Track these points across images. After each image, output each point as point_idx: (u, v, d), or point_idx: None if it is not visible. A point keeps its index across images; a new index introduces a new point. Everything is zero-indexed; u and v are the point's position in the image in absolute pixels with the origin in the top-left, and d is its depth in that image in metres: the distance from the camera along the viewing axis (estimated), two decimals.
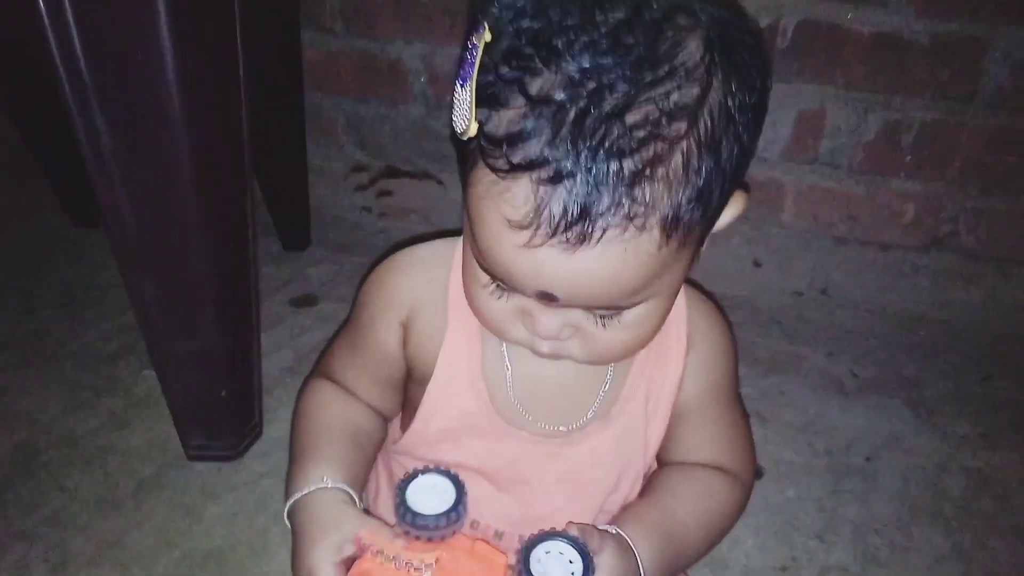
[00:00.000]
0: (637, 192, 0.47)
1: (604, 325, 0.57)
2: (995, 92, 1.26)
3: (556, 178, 0.46)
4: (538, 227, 0.48)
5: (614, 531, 0.63)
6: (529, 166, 0.47)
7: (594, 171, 0.46)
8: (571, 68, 0.46)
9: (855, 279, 1.46)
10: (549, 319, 0.56)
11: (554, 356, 0.60)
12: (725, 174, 0.50)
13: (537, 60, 0.47)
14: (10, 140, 1.60)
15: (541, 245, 0.48)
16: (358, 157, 1.69)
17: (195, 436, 1.05)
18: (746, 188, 0.59)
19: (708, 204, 0.50)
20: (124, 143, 0.85)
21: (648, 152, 0.46)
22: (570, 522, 0.61)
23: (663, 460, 0.74)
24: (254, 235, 1.00)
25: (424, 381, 0.69)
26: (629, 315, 0.56)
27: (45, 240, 1.63)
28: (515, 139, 0.47)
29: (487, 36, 0.49)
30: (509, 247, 0.50)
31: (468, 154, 0.52)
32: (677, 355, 0.70)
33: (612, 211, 0.47)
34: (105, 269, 1.50)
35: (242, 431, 1.06)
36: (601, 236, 0.48)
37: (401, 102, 1.59)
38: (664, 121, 0.46)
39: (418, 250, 0.73)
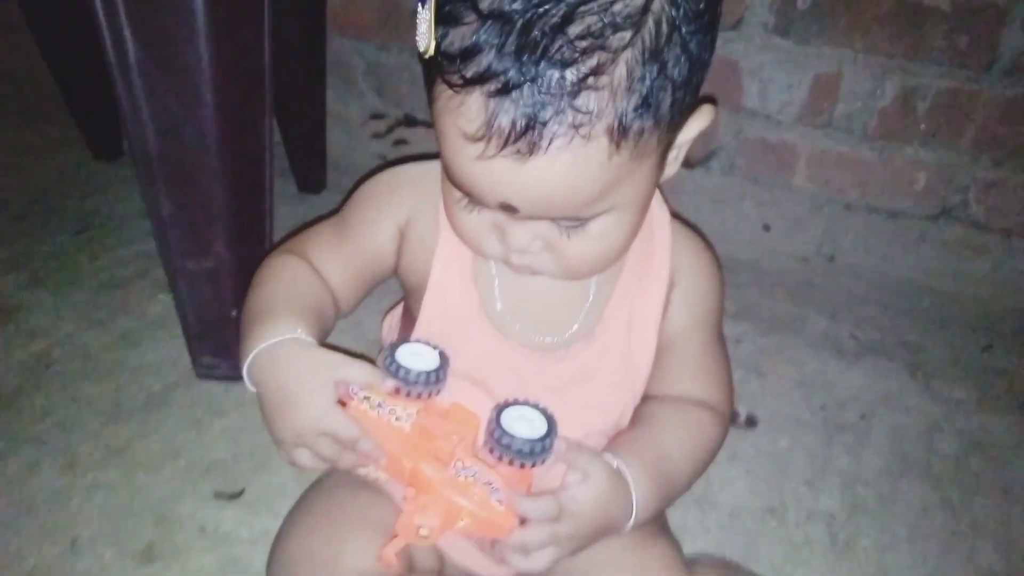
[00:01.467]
0: (580, 101, 0.49)
1: (570, 236, 0.59)
2: (1012, 62, 1.26)
3: (504, 90, 0.49)
4: (490, 139, 0.50)
5: (615, 464, 0.65)
6: (480, 79, 0.49)
7: (538, 81, 0.48)
8: None
9: (863, 246, 1.47)
10: (519, 231, 0.58)
11: (528, 269, 0.62)
12: (673, 83, 0.52)
13: None
14: (36, 74, 1.63)
15: (495, 156, 0.51)
16: (376, 104, 1.70)
17: (205, 354, 1.07)
18: (713, 102, 0.61)
19: (657, 113, 0.52)
20: (149, 56, 0.86)
21: (591, 62, 0.48)
22: (563, 437, 0.63)
23: (648, 393, 0.75)
24: (271, 160, 1.02)
25: (421, 290, 0.71)
26: (594, 226, 0.58)
27: (65, 171, 1.65)
28: (467, 54, 0.49)
29: None
30: (467, 160, 0.53)
31: (430, 72, 0.54)
32: (660, 281, 0.72)
33: (557, 120, 0.49)
34: (123, 201, 1.53)
35: None
36: (549, 145, 0.50)
37: None
38: (607, 31, 0.48)
39: (418, 166, 0.75)
